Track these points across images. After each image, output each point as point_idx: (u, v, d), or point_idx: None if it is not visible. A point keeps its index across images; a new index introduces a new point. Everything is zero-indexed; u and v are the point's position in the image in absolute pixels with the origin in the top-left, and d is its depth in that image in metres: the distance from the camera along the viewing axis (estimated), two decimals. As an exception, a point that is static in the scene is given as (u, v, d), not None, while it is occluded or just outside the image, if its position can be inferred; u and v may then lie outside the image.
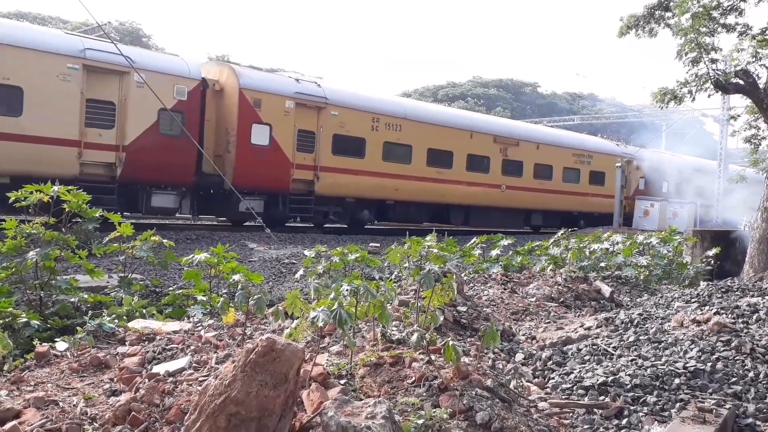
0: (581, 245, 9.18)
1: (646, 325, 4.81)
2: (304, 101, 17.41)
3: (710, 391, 3.54)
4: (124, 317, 4.58)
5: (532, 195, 23.93)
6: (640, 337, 4.40)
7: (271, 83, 17.52)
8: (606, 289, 6.81)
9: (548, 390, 3.62)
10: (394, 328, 3.66)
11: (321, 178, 17.94)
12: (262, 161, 16.60)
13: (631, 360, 3.92)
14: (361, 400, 2.63)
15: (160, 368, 3.18)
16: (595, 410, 3.28)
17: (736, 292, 5.94)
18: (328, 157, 18.11)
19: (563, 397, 3.49)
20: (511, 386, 3.30)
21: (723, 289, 6.09)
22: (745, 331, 4.47)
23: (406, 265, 4.98)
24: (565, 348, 4.33)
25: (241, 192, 14.86)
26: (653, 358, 3.94)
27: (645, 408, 3.32)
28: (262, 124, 16.62)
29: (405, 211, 20.80)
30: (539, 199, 24.23)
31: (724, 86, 9.67)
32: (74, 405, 2.78)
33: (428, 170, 20.45)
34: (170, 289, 6.13)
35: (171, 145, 14.96)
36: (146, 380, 2.96)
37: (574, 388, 3.57)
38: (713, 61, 9.87)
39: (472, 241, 9.23)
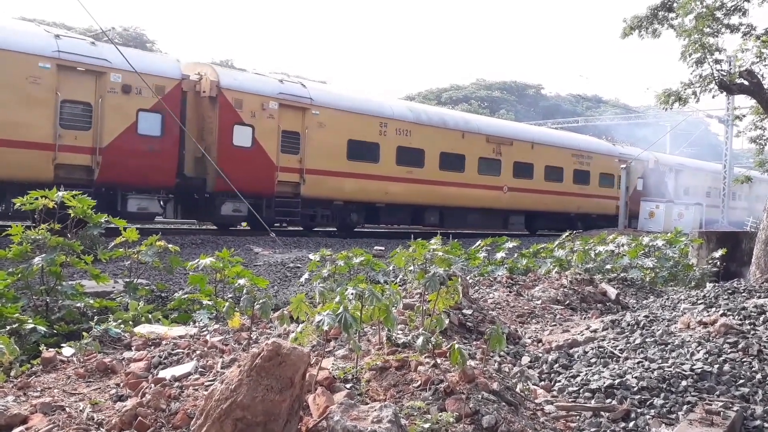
0: (586, 247, 9.16)
1: (653, 327, 4.79)
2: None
3: (717, 393, 3.52)
4: (130, 322, 4.59)
5: None
6: (647, 340, 4.38)
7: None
8: (612, 291, 6.79)
9: (554, 393, 3.61)
10: (400, 332, 3.65)
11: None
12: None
13: (638, 362, 3.91)
14: (367, 404, 2.63)
15: (166, 373, 3.18)
16: (602, 413, 3.27)
17: (743, 294, 5.90)
18: None
19: (570, 400, 3.48)
20: (518, 389, 3.29)
21: (729, 291, 6.05)
22: (752, 332, 4.44)
23: (411, 268, 4.97)
24: (571, 351, 4.32)
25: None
26: (660, 361, 3.93)
27: (652, 410, 3.30)
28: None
29: None
30: None
31: (728, 87, 9.64)
32: (81, 410, 2.79)
33: None
34: (176, 293, 6.13)
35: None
36: (152, 385, 2.97)
37: (581, 390, 3.55)
38: (717, 61, 9.86)
39: (477, 243, 9.23)
